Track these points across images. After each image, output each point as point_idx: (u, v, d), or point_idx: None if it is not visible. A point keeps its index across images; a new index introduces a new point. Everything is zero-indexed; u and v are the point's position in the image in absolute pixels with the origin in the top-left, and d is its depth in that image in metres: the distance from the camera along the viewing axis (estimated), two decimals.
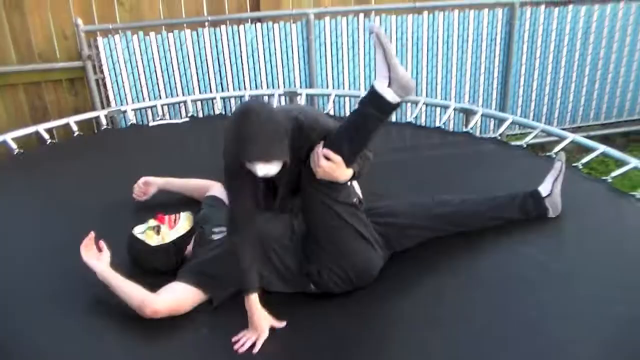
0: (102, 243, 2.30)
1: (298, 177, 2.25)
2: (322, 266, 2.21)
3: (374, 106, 2.13)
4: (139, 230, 2.37)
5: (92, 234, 2.30)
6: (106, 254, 2.28)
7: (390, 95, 2.10)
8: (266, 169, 2.02)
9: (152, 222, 2.37)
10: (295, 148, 2.13)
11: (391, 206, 2.48)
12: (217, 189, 2.77)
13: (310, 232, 2.27)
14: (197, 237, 2.35)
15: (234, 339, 2.04)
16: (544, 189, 2.60)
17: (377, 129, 2.17)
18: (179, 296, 2.15)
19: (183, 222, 2.39)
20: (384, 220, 2.39)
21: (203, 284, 2.19)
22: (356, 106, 2.18)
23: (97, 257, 2.26)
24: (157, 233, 2.32)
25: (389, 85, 2.09)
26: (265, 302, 2.12)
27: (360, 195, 2.64)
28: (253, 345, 2.01)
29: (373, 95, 2.12)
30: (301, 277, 2.25)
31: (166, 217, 2.38)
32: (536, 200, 2.58)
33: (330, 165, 2.13)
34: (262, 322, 2.06)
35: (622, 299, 2.16)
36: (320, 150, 2.14)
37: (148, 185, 2.87)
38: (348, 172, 2.18)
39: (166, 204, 2.83)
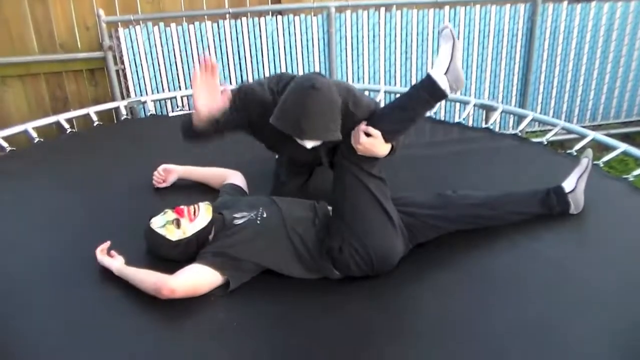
0: (113, 252, 2.32)
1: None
2: (345, 242, 2.23)
3: (426, 90, 2.26)
4: (157, 224, 2.31)
5: (107, 243, 2.34)
6: (120, 257, 2.30)
7: (444, 83, 2.23)
8: (314, 143, 2.19)
9: (170, 214, 2.32)
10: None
11: (415, 197, 2.49)
12: (236, 178, 2.79)
13: (337, 207, 2.31)
14: (218, 221, 2.33)
15: None
16: (567, 184, 2.59)
17: (423, 113, 2.34)
18: (197, 277, 2.16)
19: (203, 214, 2.32)
20: (408, 209, 2.40)
21: (222, 266, 2.19)
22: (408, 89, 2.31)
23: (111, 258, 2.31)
24: (177, 227, 2.28)
25: (446, 73, 2.24)
26: (282, 289, 2.14)
27: None
28: None
29: (428, 80, 2.25)
30: (322, 261, 2.26)
31: (185, 209, 2.32)
32: (559, 196, 2.57)
33: (370, 141, 2.24)
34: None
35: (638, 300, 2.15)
36: (362, 127, 2.25)
37: (168, 172, 2.90)
38: (387, 147, 2.29)
39: (184, 192, 2.86)
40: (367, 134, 2.23)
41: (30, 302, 2.20)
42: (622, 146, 3.15)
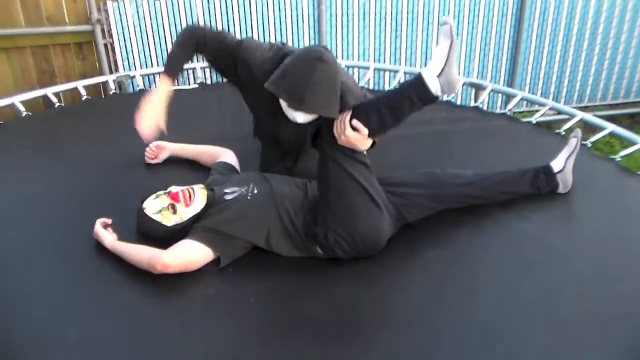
0: (109, 228, 2.34)
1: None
2: (329, 229, 2.23)
3: (415, 91, 2.17)
4: (152, 210, 2.29)
5: (109, 220, 2.35)
6: (114, 234, 2.31)
7: (435, 87, 2.14)
8: (306, 118, 2.15)
9: (164, 199, 2.30)
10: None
11: (405, 177, 2.49)
12: (228, 156, 2.78)
13: (321, 194, 2.30)
14: (209, 197, 2.33)
15: None
16: (556, 164, 2.61)
17: (410, 114, 2.22)
18: (189, 252, 2.17)
19: (199, 198, 2.31)
20: (397, 190, 2.40)
21: (214, 242, 2.20)
22: (397, 86, 2.20)
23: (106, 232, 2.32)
24: (173, 212, 2.27)
25: (439, 75, 2.14)
26: (272, 267, 2.16)
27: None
28: None
29: (418, 81, 2.16)
30: (309, 240, 2.27)
31: (180, 193, 2.29)
32: (548, 175, 2.59)
33: (355, 136, 2.19)
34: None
35: (625, 277, 2.18)
36: (347, 119, 2.18)
37: (160, 149, 2.90)
38: (368, 143, 2.24)
39: (175, 168, 2.87)
40: (354, 128, 2.18)
41: (20, 276, 2.20)
42: (610, 127, 3.17)
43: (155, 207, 2.30)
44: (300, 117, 2.19)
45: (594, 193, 2.68)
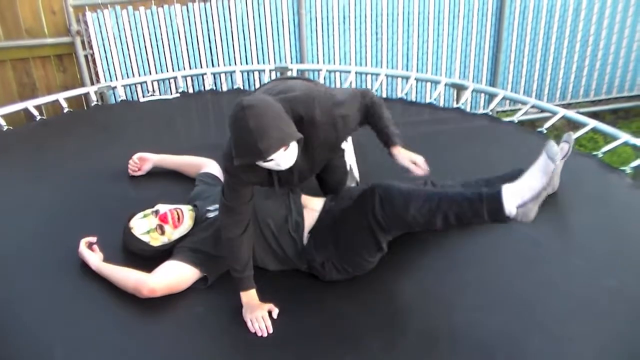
0: (95, 247, 2.32)
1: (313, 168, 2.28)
2: (328, 260, 2.20)
3: (489, 209, 1.99)
4: (140, 230, 2.28)
5: (94, 238, 2.33)
6: (99, 253, 2.29)
7: (511, 211, 1.97)
8: (287, 157, 1.95)
9: (152, 219, 2.28)
10: (338, 139, 2.20)
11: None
12: (212, 166, 2.77)
13: (333, 228, 2.22)
14: (194, 218, 2.33)
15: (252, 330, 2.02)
16: None
17: (472, 222, 2.07)
18: (175, 274, 2.16)
19: (187, 220, 2.31)
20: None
21: (199, 262, 2.20)
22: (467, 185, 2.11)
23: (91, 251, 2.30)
24: (161, 233, 2.27)
25: (520, 206, 1.97)
26: (259, 281, 2.14)
27: (358, 178, 2.67)
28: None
29: (496, 202, 1.97)
30: (297, 258, 2.25)
31: (169, 215, 2.28)
32: None
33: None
34: (261, 311, 2.06)
35: (613, 273, 2.19)
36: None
37: (143, 161, 2.88)
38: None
39: (159, 180, 2.85)
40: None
41: (2, 293, 2.19)
42: (592, 123, 3.18)
43: (143, 227, 2.29)
44: (282, 161, 1.95)
45: (579, 190, 2.69)
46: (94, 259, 2.26)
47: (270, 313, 2.05)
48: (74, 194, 2.78)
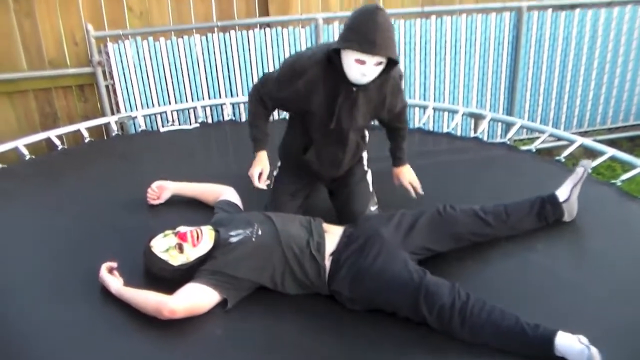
0: (115, 272, 2.34)
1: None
2: (356, 297, 2.23)
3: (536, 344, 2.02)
4: (159, 249, 2.31)
5: (115, 263, 2.35)
6: (120, 278, 2.32)
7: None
8: (372, 72, 2.32)
9: (172, 238, 2.32)
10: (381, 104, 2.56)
11: (412, 225, 2.45)
12: (230, 194, 2.80)
13: (375, 272, 2.23)
14: (215, 238, 2.35)
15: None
16: (561, 193, 2.61)
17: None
18: (195, 297, 2.18)
19: (206, 239, 2.32)
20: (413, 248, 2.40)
21: (219, 285, 2.22)
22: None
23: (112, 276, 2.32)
24: (180, 251, 2.29)
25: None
26: (279, 305, 2.18)
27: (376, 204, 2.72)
28: None
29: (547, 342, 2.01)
30: (318, 282, 2.28)
31: (188, 233, 2.31)
32: (554, 205, 2.60)
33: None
34: (260, 167, 2.61)
35: (633, 301, 2.18)
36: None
37: (162, 189, 2.91)
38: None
39: (178, 208, 2.87)
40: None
41: (25, 318, 2.20)
42: (610, 151, 3.19)
43: (163, 246, 2.31)
44: (369, 71, 2.30)
45: (597, 219, 2.69)
46: (115, 283, 2.28)
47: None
48: (94, 222, 2.82)
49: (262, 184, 2.64)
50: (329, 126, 2.54)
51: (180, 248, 2.29)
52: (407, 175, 2.85)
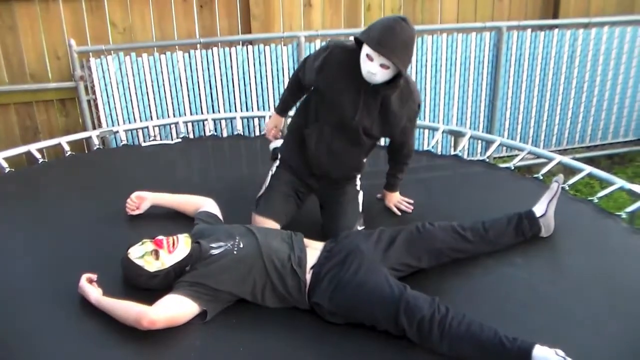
0: (95, 283, 2.33)
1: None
2: (336, 309, 2.23)
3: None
4: (136, 255, 2.32)
5: (95, 275, 2.35)
6: (99, 289, 2.31)
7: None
8: (380, 74, 2.42)
9: (148, 245, 2.33)
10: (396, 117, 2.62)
11: (391, 241, 2.47)
12: (210, 205, 2.80)
13: (355, 284, 2.24)
14: (195, 250, 2.35)
15: None
16: (538, 209, 2.66)
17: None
18: (175, 308, 2.18)
19: (182, 246, 2.33)
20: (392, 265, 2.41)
21: (199, 296, 2.22)
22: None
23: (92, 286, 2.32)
24: (156, 258, 2.29)
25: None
26: (258, 317, 2.19)
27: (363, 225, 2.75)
28: None
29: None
30: (298, 295, 2.29)
31: (164, 240, 2.33)
32: (531, 220, 2.63)
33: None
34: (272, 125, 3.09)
35: (609, 317, 2.21)
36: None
37: (141, 199, 2.91)
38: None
39: (157, 219, 2.87)
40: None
41: (4, 330, 2.19)
42: (587, 169, 3.23)
43: (139, 252, 2.33)
44: (377, 70, 2.40)
45: (575, 235, 2.73)
46: (95, 293, 2.27)
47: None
48: (74, 234, 2.81)
49: (272, 138, 3.11)
50: (344, 118, 2.63)
51: (156, 254, 2.29)
52: (394, 199, 2.98)
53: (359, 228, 2.78)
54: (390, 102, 2.57)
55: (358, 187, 2.92)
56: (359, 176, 2.93)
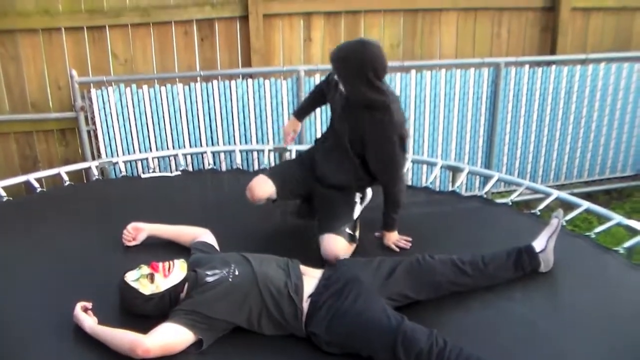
0: (90, 312, 2.34)
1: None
2: (333, 339, 2.22)
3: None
4: (131, 278, 2.33)
5: (89, 304, 2.36)
6: (94, 317, 2.31)
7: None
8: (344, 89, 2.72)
9: (145, 269, 2.34)
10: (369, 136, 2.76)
11: (390, 272, 2.47)
12: (206, 236, 2.81)
13: (353, 314, 2.24)
14: (191, 278, 2.35)
15: None
16: (537, 244, 2.65)
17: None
18: (170, 336, 2.17)
19: (177, 271, 2.35)
20: (391, 295, 2.41)
21: (195, 325, 2.21)
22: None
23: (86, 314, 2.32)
24: (151, 281, 2.31)
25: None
26: (254, 345, 2.19)
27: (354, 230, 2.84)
28: None
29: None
30: (295, 323, 2.28)
31: (160, 264, 2.35)
32: (531, 255, 2.63)
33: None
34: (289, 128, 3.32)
35: (608, 352, 2.20)
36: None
37: (137, 230, 2.91)
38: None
39: (154, 250, 2.86)
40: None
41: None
42: (585, 204, 3.24)
43: (135, 275, 2.34)
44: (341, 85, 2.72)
45: (574, 271, 2.72)
46: (89, 321, 2.27)
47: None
48: (70, 263, 2.81)
49: (289, 142, 3.39)
50: (338, 131, 2.90)
51: (152, 278, 2.31)
52: (392, 238, 2.96)
53: (347, 230, 2.82)
54: (364, 121, 2.74)
55: (356, 198, 3.00)
56: (358, 194, 3.01)
